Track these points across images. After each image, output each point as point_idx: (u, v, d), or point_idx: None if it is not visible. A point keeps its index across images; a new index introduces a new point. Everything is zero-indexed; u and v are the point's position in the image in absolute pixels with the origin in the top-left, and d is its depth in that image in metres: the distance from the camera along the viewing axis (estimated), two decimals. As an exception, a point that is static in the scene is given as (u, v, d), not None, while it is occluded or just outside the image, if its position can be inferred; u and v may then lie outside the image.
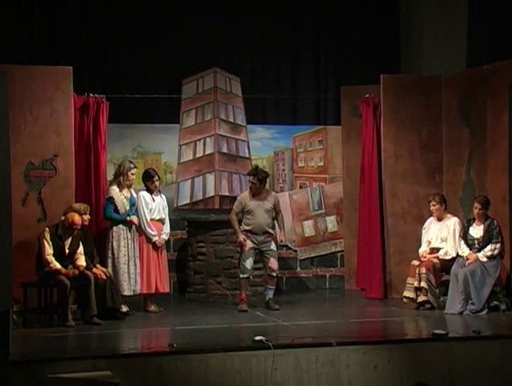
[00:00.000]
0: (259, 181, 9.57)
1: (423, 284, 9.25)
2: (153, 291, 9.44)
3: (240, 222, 9.69)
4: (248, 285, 9.62)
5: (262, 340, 6.95)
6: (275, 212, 9.71)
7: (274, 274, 9.55)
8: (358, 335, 7.87)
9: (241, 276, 9.52)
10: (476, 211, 9.20)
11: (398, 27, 12.08)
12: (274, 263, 9.51)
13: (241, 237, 9.48)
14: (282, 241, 9.75)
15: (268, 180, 9.90)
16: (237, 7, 11.48)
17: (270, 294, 9.56)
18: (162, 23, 11.19)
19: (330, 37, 11.93)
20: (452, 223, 9.50)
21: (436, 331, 7.39)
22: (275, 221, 9.84)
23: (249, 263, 9.46)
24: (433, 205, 9.56)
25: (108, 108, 9.71)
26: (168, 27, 11.20)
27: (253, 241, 9.50)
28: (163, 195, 9.73)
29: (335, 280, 11.65)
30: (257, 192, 9.61)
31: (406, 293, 9.41)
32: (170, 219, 9.86)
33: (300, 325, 8.39)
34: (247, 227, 9.56)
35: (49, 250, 8.52)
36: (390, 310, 9.58)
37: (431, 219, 9.66)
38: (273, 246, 9.56)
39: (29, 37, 10.76)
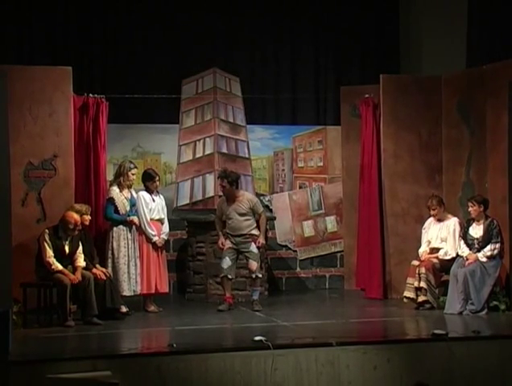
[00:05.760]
0: (229, 183, 9.52)
1: (422, 284, 9.25)
2: (153, 291, 9.44)
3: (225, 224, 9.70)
4: (229, 284, 9.54)
5: (261, 340, 6.95)
6: (256, 214, 9.57)
7: (253, 275, 9.52)
8: (358, 335, 7.86)
9: (220, 275, 9.56)
10: (470, 211, 9.19)
11: (398, 27, 12.08)
12: (252, 264, 9.47)
13: (220, 241, 9.59)
14: (259, 243, 9.53)
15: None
16: (237, 7, 11.47)
17: (254, 295, 9.57)
18: (161, 23, 11.19)
19: (330, 37, 11.92)
20: (452, 223, 9.50)
21: (436, 331, 7.38)
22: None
23: (225, 262, 9.45)
24: (433, 210, 9.53)
25: (107, 108, 9.70)
26: (168, 27, 11.19)
27: (232, 242, 9.51)
28: (161, 195, 9.73)
29: (334, 280, 11.64)
30: (230, 195, 9.57)
31: (406, 294, 9.41)
32: (169, 220, 9.87)
33: (300, 325, 8.38)
34: (227, 229, 9.60)
35: (50, 252, 8.49)
36: (389, 310, 9.58)
37: (431, 219, 9.65)
38: (253, 248, 9.49)
39: (29, 37, 10.77)
